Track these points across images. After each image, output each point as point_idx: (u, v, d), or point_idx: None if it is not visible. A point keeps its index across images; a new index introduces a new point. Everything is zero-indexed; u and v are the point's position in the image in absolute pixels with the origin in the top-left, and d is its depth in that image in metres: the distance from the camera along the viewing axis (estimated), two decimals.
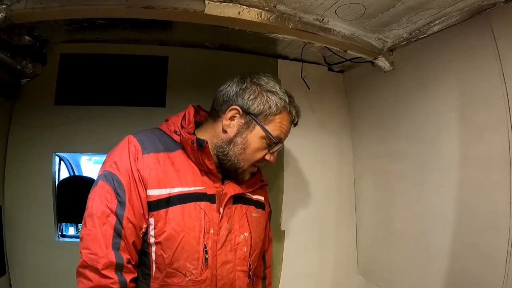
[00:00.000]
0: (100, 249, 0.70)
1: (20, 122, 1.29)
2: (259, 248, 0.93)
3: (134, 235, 0.75)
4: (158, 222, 0.77)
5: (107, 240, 0.71)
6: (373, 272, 1.41)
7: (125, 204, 0.74)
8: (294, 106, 0.89)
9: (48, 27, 1.19)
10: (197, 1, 0.92)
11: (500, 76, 0.89)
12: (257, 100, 0.83)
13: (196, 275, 0.77)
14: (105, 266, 0.70)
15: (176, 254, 0.76)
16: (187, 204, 0.79)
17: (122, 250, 0.73)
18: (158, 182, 0.78)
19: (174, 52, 1.41)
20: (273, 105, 0.83)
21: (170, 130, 0.88)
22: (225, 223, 0.83)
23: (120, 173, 0.76)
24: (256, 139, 0.84)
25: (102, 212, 0.73)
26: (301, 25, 1.04)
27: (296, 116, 0.90)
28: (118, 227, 0.73)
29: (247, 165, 0.86)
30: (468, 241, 0.97)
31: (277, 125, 0.85)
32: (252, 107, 0.83)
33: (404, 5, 0.95)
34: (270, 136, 0.84)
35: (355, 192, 1.54)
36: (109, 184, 0.75)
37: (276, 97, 0.84)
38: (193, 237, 0.77)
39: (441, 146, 1.08)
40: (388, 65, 1.26)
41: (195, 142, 0.81)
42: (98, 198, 0.75)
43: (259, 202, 0.97)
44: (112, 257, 0.71)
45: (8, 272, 1.23)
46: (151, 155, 0.80)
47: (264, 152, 0.86)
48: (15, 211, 1.26)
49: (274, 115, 0.84)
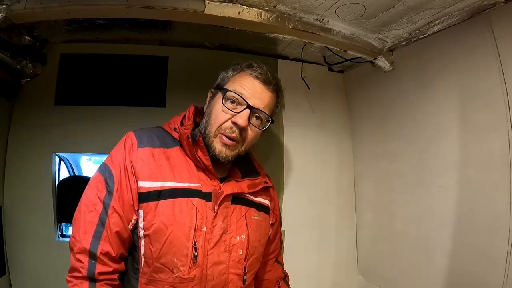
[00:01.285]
0: (78, 233, 0.74)
1: (20, 122, 1.29)
2: (259, 253, 0.90)
3: (119, 226, 0.76)
4: (148, 214, 0.77)
5: (88, 227, 0.74)
6: (373, 272, 1.41)
7: (112, 194, 0.76)
8: (255, 66, 0.87)
9: (48, 27, 1.19)
10: (197, 1, 0.93)
11: (500, 76, 0.89)
12: (221, 74, 0.91)
13: (183, 272, 0.75)
14: (79, 251, 0.73)
15: (164, 248, 0.75)
16: (178, 199, 0.78)
17: (103, 240, 0.74)
18: (150, 174, 0.79)
19: (174, 52, 1.41)
20: (229, 70, 0.89)
21: (170, 128, 0.89)
22: (220, 222, 0.81)
23: (112, 164, 0.80)
24: (217, 101, 0.85)
25: (90, 201, 0.76)
26: (301, 25, 1.04)
27: (259, 69, 0.85)
28: (103, 216, 0.75)
29: (213, 131, 0.82)
30: (468, 241, 0.97)
31: (235, 82, 0.85)
32: (217, 82, 0.91)
33: (404, 5, 0.95)
34: (224, 90, 0.84)
35: (355, 192, 1.54)
36: (101, 175, 0.79)
37: (235, 65, 0.89)
38: (182, 233, 0.76)
39: (441, 146, 1.08)
40: (388, 65, 1.27)
41: (190, 137, 0.81)
42: (90, 187, 0.79)
43: (262, 205, 0.94)
44: (87, 244, 0.73)
45: (8, 272, 1.23)
46: (146, 149, 0.81)
47: (229, 113, 0.82)
48: (15, 211, 1.26)
49: (231, 76, 0.88)
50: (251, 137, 0.86)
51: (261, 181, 0.94)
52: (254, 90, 0.84)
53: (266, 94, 0.86)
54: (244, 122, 0.81)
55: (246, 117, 0.82)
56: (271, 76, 0.87)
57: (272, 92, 0.88)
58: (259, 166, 1.00)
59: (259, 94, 0.84)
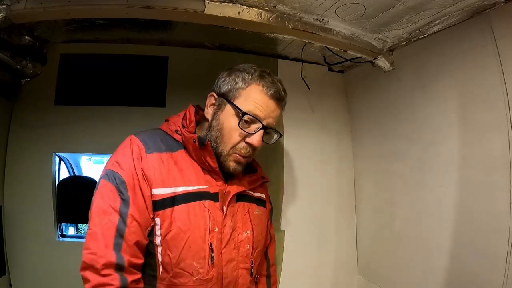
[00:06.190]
0: (99, 248, 0.69)
1: (20, 122, 1.29)
2: (262, 245, 0.93)
3: (139, 234, 0.73)
4: (164, 222, 0.76)
5: (107, 240, 0.69)
6: (373, 272, 1.41)
7: (128, 202, 0.73)
8: (267, 78, 0.84)
9: (48, 27, 1.19)
10: (197, 1, 0.92)
11: (500, 76, 0.89)
12: (226, 80, 0.85)
13: (203, 274, 0.76)
14: (104, 266, 0.67)
15: (182, 253, 0.76)
16: (192, 203, 0.79)
17: (124, 251, 0.70)
18: (162, 181, 0.78)
19: (174, 52, 1.42)
20: (239, 81, 0.83)
21: (171, 130, 0.87)
22: (229, 221, 0.82)
23: (123, 171, 0.75)
24: (228, 117, 0.82)
25: (104, 212, 0.72)
26: (301, 25, 1.04)
27: (272, 86, 0.82)
28: (121, 226, 0.71)
29: (226, 150, 0.82)
30: (468, 241, 0.97)
31: (247, 99, 0.81)
32: (223, 88, 0.85)
33: (404, 5, 0.95)
34: (238, 110, 0.80)
35: (355, 192, 1.54)
36: (111, 183, 0.74)
37: (244, 73, 0.84)
38: (199, 236, 0.77)
39: (441, 146, 1.08)
40: (388, 65, 1.27)
41: (197, 141, 0.81)
42: (100, 197, 0.74)
43: (260, 199, 0.96)
44: (112, 257, 0.68)
45: (8, 272, 1.23)
46: (154, 154, 0.80)
47: (241, 133, 0.82)
48: (15, 211, 1.26)
49: (242, 89, 0.82)
50: (259, 149, 0.87)
51: (259, 176, 0.97)
52: (269, 110, 0.83)
53: (277, 111, 0.86)
54: (259, 143, 0.83)
55: (261, 138, 0.83)
56: (283, 91, 0.86)
57: (282, 108, 0.88)
58: (255, 162, 1.02)
59: (272, 113, 0.84)
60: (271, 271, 1.04)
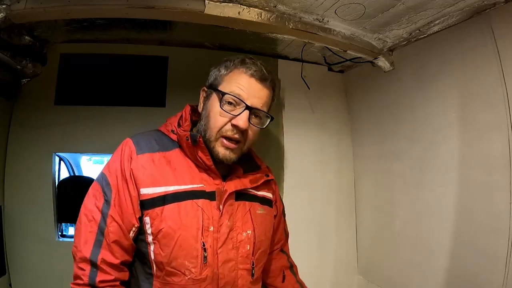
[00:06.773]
0: (79, 243, 0.75)
1: (20, 122, 1.29)
2: (266, 246, 0.91)
3: (119, 234, 0.76)
4: (154, 220, 0.77)
5: (88, 236, 0.75)
6: (373, 272, 1.41)
7: (110, 203, 0.77)
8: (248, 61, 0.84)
9: (48, 27, 1.19)
10: (197, 1, 0.93)
11: (500, 76, 0.89)
12: (213, 71, 0.88)
13: (195, 274, 0.76)
14: (80, 260, 0.74)
15: (174, 252, 0.76)
16: (183, 202, 0.78)
17: (104, 248, 0.75)
18: (152, 181, 0.78)
19: (174, 52, 1.42)
20: (222, 68, 0.86)
21: (168, 130, 0.88)
22: (226, 221, 0.81)
23: (109, 173, 0.79)
24: (213, 103, 0.83)
25: (89, 210, 0.77)
26: (301, 25, 1.04)
27: (253, 66, 0.82)
28: (102, 225, 0.76)
29: (213, 135, 0.82)
30: (468, 241, 0.97)
31: (230, 82, 0.83)
32: (210, 80, 0.88)
33: (404, 5, 0.95)
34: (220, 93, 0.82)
35: (355, 192, 1.54)
36: (99, 184, 0.79)
37: (227, 62, 0.86)
38: (190, 235, 0.77)
39: (441, 146, 1.08)
40: (388, 65, 1.27)
41: (189, 138, 0.81)
42: (88, 197, 0.79)
43: (265, 198, 0.94)
44: (87, 253, 0.74)
45: (8, 272, 1.23)
46: (145, 155, 0.81)
47: (228, 116, 0.81)
48: (15, 211, 1.26)
49: (225, 75, 0.84)
50: (252, 136, 0.86)
51: (262, 174, 0.94)
52: (251, 89, 0.82)
53: (263, 91, 0.84)
54: (244, 124, 0.80)
55: (246, 119, 0.81)
56: (266, 71, 0.85)
57: (269, 89, 0.86)
58: (259, 160, 1.00)
59: (256, 93, 0.83)
60: (291, 261, 1.06)
